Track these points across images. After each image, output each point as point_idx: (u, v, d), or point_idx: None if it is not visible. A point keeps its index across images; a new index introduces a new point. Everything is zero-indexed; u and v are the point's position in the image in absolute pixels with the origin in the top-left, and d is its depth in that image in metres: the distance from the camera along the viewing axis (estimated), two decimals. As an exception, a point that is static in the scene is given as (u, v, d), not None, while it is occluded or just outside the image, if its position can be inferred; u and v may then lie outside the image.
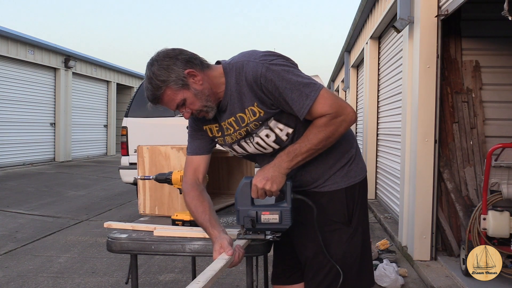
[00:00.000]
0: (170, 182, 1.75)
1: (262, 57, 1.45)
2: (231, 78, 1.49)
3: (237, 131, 1.54)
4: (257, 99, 1.45)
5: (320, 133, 1.41)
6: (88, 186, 8.40)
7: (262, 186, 1.42)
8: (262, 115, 1.47)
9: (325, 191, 1.56)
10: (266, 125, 1.49)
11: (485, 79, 3.88)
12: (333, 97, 1.43)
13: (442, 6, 3.60)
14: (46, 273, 3.58)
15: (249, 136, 1.53)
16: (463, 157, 3.78)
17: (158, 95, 1.47)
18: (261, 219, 1.45)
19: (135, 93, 5.85)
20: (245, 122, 1.50)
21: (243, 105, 1.48)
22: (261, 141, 1.53)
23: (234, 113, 1.51)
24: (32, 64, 11.92)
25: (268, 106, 1.46)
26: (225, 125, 1.56)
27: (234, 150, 1.63)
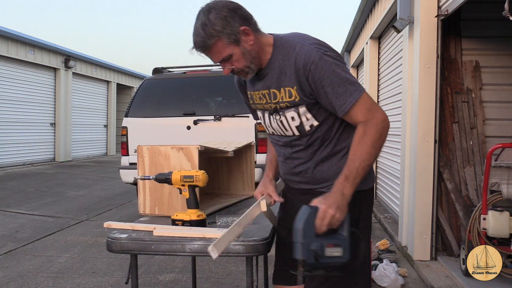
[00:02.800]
0: (170, 182, 1.75)
1: (317, 45, 1.45)
2: (278, 52, 1.49)
3: (268, 103, 1.56)
4: (298, 83, 1.45)
5: (365, 144, 1.39)
6: (88, 186, 8.40)
7: (334, 213, 1.35)
8: (297, 100, 1.47)
9: None
10: (295, 109, 1.50)
11: (485, 79, 3.88)
12: (373, 101, 1.45)
13: (442, 6, 3.60)
14: (46, 273, 3.58)
15: (276, 113, 1.55)
16: (463, 157, 3.78)
17: (208, 44, 1.43)
18: (325, 253, 1.33)
19: (135, 93, 5.85)
20: (276, 99, 1.52)
21: (280, 83, 1.49)
22: (285, 121, 1.54)
23: (269, 87, 1.53)
24: (32, 64, 11.92)
25: (306, 95, 1.46)
26: (258, 95, 1.59)
27: (263, 118, 1.65)
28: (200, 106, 5.64)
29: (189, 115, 5.46)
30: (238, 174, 2.42)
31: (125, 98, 17.62)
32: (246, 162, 2.41)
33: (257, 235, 1.59)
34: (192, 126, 5.42)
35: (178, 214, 1.75)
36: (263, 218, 1.86)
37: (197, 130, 5.40)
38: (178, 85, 5.87)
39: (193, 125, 5.42)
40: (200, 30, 1.42)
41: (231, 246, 1.52)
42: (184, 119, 5.45)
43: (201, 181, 1.71)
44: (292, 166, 1.62)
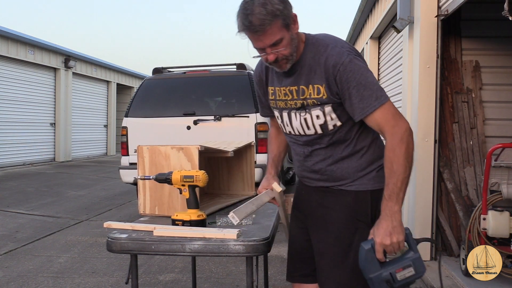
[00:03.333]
0: (170, 182, 1.75)
1: (349, 48, 1.49)
2: (310, 50, 1.51)
3: (294, 100, 1.56)
4: (327, 82, 1.47)
5: (398, 158, 1.41)
6: (88, 186, 8.40)
7: (390, 242, 1.40)
8: (324, 98, 1.49)
9: (351, 190, 1.58)
10: (321, 108, 1.51)
11: (485, 79, 3.88)
12: (397, 110, 1.48)
13: (442, 6, 3.60)
14: (46, 273, 3.58)
15: (302, 109, 1.55)
16: (463, 157, 3.78)
17: (267, 22, 1.38)
18: (397, 278, 1.40)
19: (135, 93, 5.85)
20: (304, 95, 1.53)
21: (309, 80, 1.51)
22: (309, 119, 1.54)
23: (298, 83, 1.53)
24: (32, 64, 11.91)
25: (333, 93, 1.48)
26: (284, 90, 1.58)
27: (281, 117, 1.64)
28: (200, 106, 5.64)
29: (189, 115, 5.46)
30: (238, 174, 2.42)
31: (125, 98, 17.61)
32: (246, 162, 2.41)
33: (257, 235, 1.59)
34: (192, 126, 5.42)
35: (178, 214, 1.75)
36: (263, 218, 1.86)
37: (197, 130, 5.40)
38: (178, 85, 5.87)
39: (193, 125, 5.42)
40: (260, 8, 1.37)
41: (231, 246, 1.52)
42: (184, 119, 5.45)
43: (201, 181, 1.71)
44: (311, 163, 1.63)
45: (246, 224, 1.76)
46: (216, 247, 1.54)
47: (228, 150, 2.13)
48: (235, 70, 6.00)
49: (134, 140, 5.52)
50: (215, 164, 2.44)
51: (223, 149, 2.15)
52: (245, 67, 5.91)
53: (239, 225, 1.74)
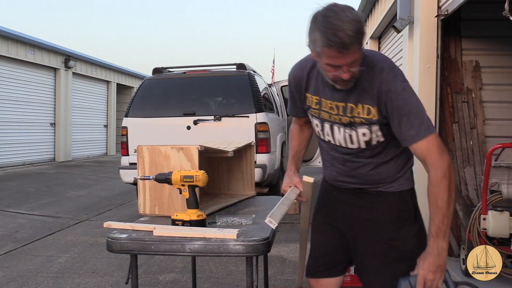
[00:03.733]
0: (170, 182, 1.75)
1: (401, 74, 1.52)
2: (364, 70, 1.48)
3: (339, 116, 1.56)
4: (378, 105, 1.49)
5: (442, 195, 1.46)
6: (88, 186, 8.40)
7: (433, 277, 1.45)
8: (374, 119, 1.51)
9: (392, 191, 1.63)
10: (369, 126, 1.53)
11: (485, 79, 3.88)
12: (441, 142, 1.52)
13: (442, 6, 3.60)
14: (46, 273, 3.58)
15: (349, 126, 1.56)
16: (463, 157, 3.78)
17: (355, 40, 1.34)
18: None
19: (135, 93, 5.85)
20: (353, 113, 1.53)
21: (359, 99, 1.51)
22: (355, 135, 1.56)
23: (347, 100, 1.53)
24: (32, 64, 11.91)
25: (383, 116, 1.51)
26: (330, 104, 1.57)
27: (321, 126, 1.65)
28: (200, 106, 5.64)
29: (189, 115, 5.46)
30: (238, 174, 2.42)
31: (125, 98, 17.61)
32: (246, 162, 2.41)
33: (257, 235, 1.59)
34: (192, 126, 5.42)
35: (178, 214, 1.75)
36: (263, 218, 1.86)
37: (197, 130, 5.40)
38: (178, 85, 5.87)
39: (193, 125, 5.42)
40: (349, 25, 1.32)
41: (231, 246, 1.52)
42: (184, 119, 5.45)
43: (201, 181, 1.71)
44: (350, 168, 1.65)
45: (246, 224, 1.76)
46: (216, 247, 1.54)
47: (228, 150, 2.13)
48: (235, 70, 6.00)
49: (134, 140, 5.52)
50: (215, 164, 2.44)
51: (223, 149, 2.15)
52: (245, 67, 5.91)
53: (239, 225, 1.75)
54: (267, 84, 6.95)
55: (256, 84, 5.66)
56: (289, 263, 3.78)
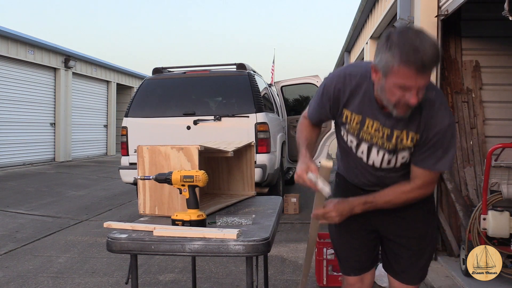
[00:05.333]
0: (170, 182, 1.75)
1: (449, 108, 1.54)
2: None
3: (383, 140, 1.56)
4: (420, 134, 1.51)
5: (401, 199, 1.60)
6: (88, 186, 8.40)
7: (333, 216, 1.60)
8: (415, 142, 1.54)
9: None
10: (410, 150, 1.56)
11: (485, 79, 3.88)
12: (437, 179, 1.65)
13: (442, 6, 3.60)
14: (46, 273, 3.58)
15: (392, 153, 1.58)
16: (463, 157, 3.78)
17: (434, 65, 1.34)
18: None
19: (135, 93, 5.85)
20: (398, 140, 1.54)
21: (405, 127, 1.51)
22: (394, 159, 1.60)
23: (394, 127, 1.52)
24: (32, 64, 11.91)
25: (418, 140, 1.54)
26: (376, 126, 1.54)
27: (357, 144, 1.63)
28: (200, 106, 5.64)
29: (189, 115, 5.46)
30: (238, 174, 2.42)
31: (125, 98, 17.61)
32: (246, 162, 2.41)
33: (257, 235, 1.59)
34: (192, 126, 5.42)
35: (178, 214, 1.75)
36: (263, 218, 1.86)
37: (197, 130, 5.40)
38: (178, 85, 5.87)
39: (193, 125, 5.42)
40: (433, 49, 1.31)
41: (231, 246, 1.52)
42: (184, 119, 5.45)
43: (201, 181, 1.71)
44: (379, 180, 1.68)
45: (246, 224, 1.76)
46: (216, 247, 1.53)
47: (228, 150, 2.13)
48: (235, 70, 6.00)
49: (134, 140, 5.52)
50: (215, 164, 2.43)
51: (223, 149, 2.15)
52: (245, 67, 5.91)
53: (239, 225, 1.75)
54: (267, 84, 6.95)
55: (256, 84, 5.66)
56: (289, 263, 3.78)
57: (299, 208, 5.92)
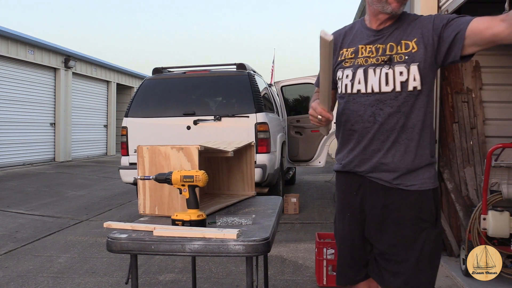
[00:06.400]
0: (170, 182, 1.74)
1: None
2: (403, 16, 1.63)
3: (377, 56, 1.60)
4: (420, 35, 1.55)
5: None
6: (88, 186, 8.40)
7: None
8: (413, 51, 1.55)
9: (414, 190, 1.59)
10: (407, 65, 1.55)
11: (485, 79, 3.88)
12: None
13: (442, 6, 3.60)
14: (46, 273, 3.58)
15: (388, 64, 1.57)
16: (463, 157, 3.78)
17: None
18: None
19: (135, 93, 5.85)
20: (392, 51, 1.58)
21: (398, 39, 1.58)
22: (391, 74, 1.57)
23: (387, 42, 1.60)
24: (32, 64, 11.92)
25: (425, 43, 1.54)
26: (370, 47, 1.63)
27: (353, 75, 1.65)
28: (200, 106, 5.64)
29: (189, 115, 5.46)
30: (238, 174, 2.41)
31: (125, 98, 17.62)
32: (246, 162, 2.41)
33: (257, 235, 1.59)
34: (192, 126, 5.42)
35: (178, 214, 1.75)
36: (263, 218, 1.86)
37: (197, 130, 5.40)
38: (178, 85, 5.87)
39: (193, 125, 5.42)
40: None
41: (231, 246, 1.52)
42: (184, 119, 5.46)
43: (201, 181, 1.71)
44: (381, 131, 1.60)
45: (246, 224, 1.76)
46: (216, 247, 1.53)
47: (228, 150, 2.13)
48: (235, 70, 6.01)
49: (134, 140, 5.52)
50: (215, 164, 2.44)
51: (223, 149, 2.15)
52: (245, 67, 5.91)
53: (239, 225, 1.74)
54: (267, 84, 6.95)
55: (256, 84, 5.67)
56: (289, 263, 3.78)
57: (299, 208, 5.92)
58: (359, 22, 1.74)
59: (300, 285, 3.28)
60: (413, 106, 1.57)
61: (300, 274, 3.51)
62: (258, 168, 5.17)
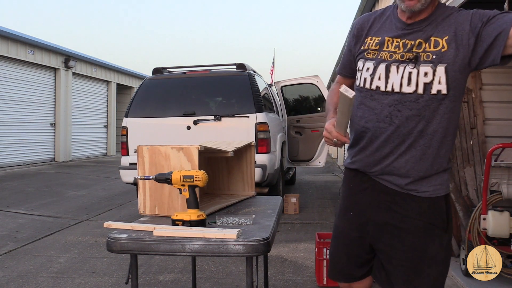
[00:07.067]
0: (170, 182, 1.75)
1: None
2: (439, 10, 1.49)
3: (403, 53, 1.49)
4: (453, 33, 1.43)
5: None
6: (88, 186, 8.40)
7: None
8: (443, 50, 1.43)
9: (426, 196, 1.54)
10: (433, 65, 1.44)
11: (485, 79, 3.88)
12: None
13: (442, 6, 3.60)
14: (46, 273, 3.58)
15: (413, 62, 1.46)
16: (463, 157, 3.78)
17: None
18: None
19: (135, 93, 5.85)
20: (420, 48, 1.46)
21: (429, 35, 1.47)
22: (415, 74, 1.46)
23: (416, 38, 1.48)
24: (32, 64, 11.92)
25: (458, 42, 1.42)
26: (397, 42, 1.51)
27: (374, 70, 1.55)
28: (200, 106, 5.65)
29: (189, 115, 5.46)
30: (238, 174, 2.41)
31: (125, 98, 17.62)
32: (246, 162, 2.41)
33: (257, 235, 1.59)
34: (192, 126, 5.42)
35: (178, 214, 1.75)
36: (263, 218, 1.86)
37: (197, 130, 5.40)
38: (178, 85, 5.87)
39: (193, 125, 5.42)
40: None
41: (231, 246, 1.52)
42: (184, 119, 5.46)
43: (201, 181, 1.71)
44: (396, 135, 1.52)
45: (246, 224, 1.76)
46: (216, 247, 1.53)
47: (228, 150, 2.13)
48: (235, 70, 6.01)
49: (134, 140, 5.53)
50: (215, 164, 2.44)
51: (223, 149, 2.15)
52: (245, 67, 5.91)
53: (239, 225, 1.74)
54: (267, 84, 6.95)
55: (256, 84, 5.67)
56: (289, 263, 3.78)
57: (299, 208, 5.92)
58: (391, 8, 1.60)
59: (300, 285, 3.28)
60: (436, 111, 1.47)
61: (300, 274, 3.51)
62: (258, 168, 5.17)
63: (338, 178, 10.16)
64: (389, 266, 1.60)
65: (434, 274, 1.54)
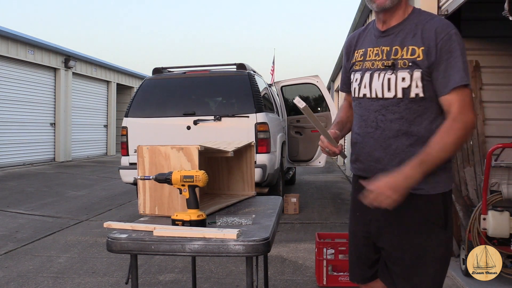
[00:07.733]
0: (170, 182, 1.74)
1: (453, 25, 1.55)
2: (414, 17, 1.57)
3: (382, 60, 1.58)
4: (427, 45, 1.50)
5: (450, 138, 1.44)
6: (88, 186, 8.40)
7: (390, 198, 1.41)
8: (418, 59, 1.50)
9: (422, 194, 1.56)
10: (410, 71, 1.52)
11: (485, 79, 3.88)
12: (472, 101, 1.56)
13: (442, 6, 3.60)
14: (46, 273, 3.58)
15: (389, 69, 1.55)
16: (463, 157, 3.78)
17: None
18: None
19: (135, 93, 5.85)
20: (397, 56, 1.54)
21: (405, 42, 1.54)
22: (393, 80, 1.54)
23: (392, 44, 1.57)
24: (32, 64, 11.92)
25: (429, 58, 1.49)
26: (376, 50, 1.60)
27: (360, 79, 1.64)
28: (200, 106, 5.65)
29: (189, 115, 5.46)
30: (238, 174, 2.41)
31: (125, 98, 17.62)
32: (246, 162, 2.41)
33: (257, 235, 1.59)
34: (192, 126, 5.42)
35: (178, 214, 1.75)
36: (263, 218, 1.86)
37: (197, 130, 5.40)
38: (178, 85, 5.87)
39: (193, 125, 5.42)
40: None
41: (231, 246, 1.52)
42: (184, 119, 5.46)
43: (201, 181, 1.71)
44: (382, 138, 1.58)
45: (246, 224, 1.76)
46: (216, 247, 1.53)
47: (228, 150, 2.13)
48: (235, 70, 6.01)
49: (134, 140, 5.52)
50: (215, 164, 2.43)
51: (223, 149, 2.15)
52: (245, 67, 5.91)
53: (239, 225, 1.75)
54: (267, 84, 6.95)
55: (256, 84, 5.67)
56: (289, 263, 3.79)
57: (299, 208, 5.92)
58: (372, 22, 1.71)
59: (300, 285, 3.28)
60: (416, 112, 1.54)
61: (300, 274, 3.51)
62: (258, 168, 5.17)
63: (339, 178, 10.17)
64: (390, 264, 1.65)
65: (433, 271, 1.56)
